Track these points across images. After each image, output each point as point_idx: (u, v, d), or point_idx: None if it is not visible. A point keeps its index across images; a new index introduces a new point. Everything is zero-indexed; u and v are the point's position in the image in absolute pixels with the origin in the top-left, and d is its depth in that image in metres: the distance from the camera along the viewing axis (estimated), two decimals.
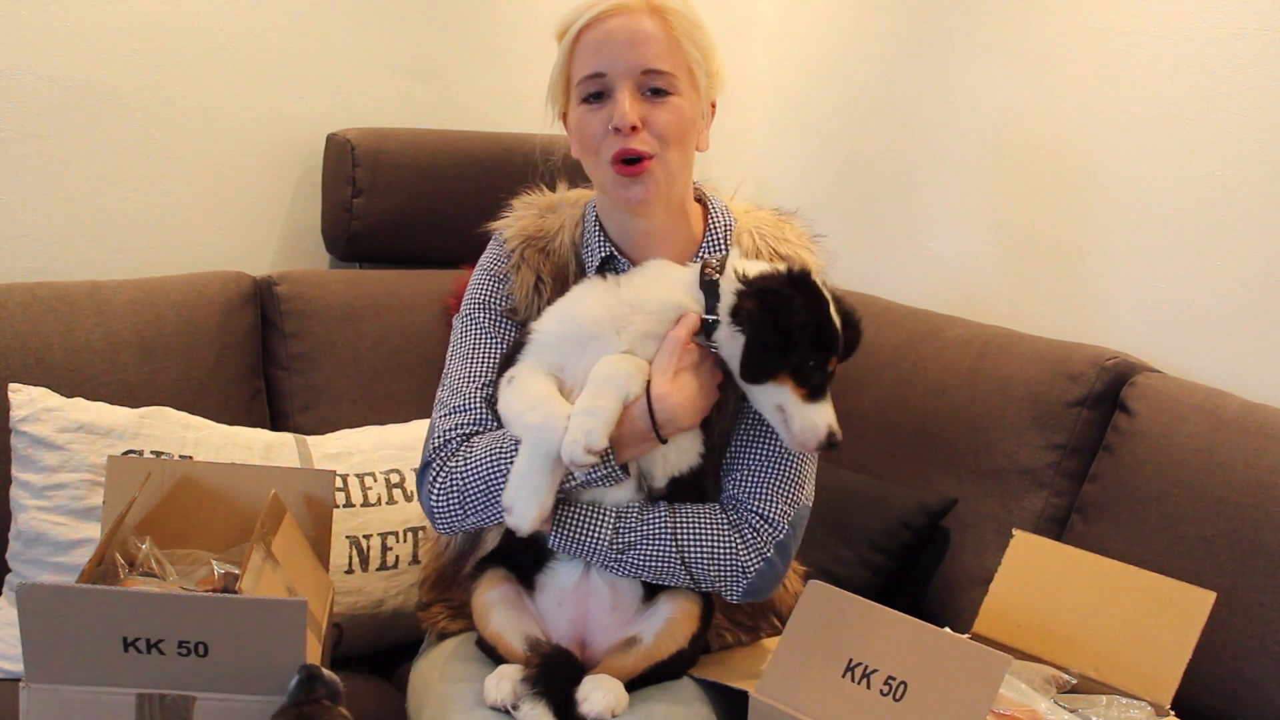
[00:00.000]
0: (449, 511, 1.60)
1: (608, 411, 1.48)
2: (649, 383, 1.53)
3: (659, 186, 1.60)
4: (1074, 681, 1.66)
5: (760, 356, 1.50)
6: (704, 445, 1.61)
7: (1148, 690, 1.63)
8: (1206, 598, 1.63)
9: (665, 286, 1.58)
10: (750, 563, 1.58)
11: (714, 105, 1.68)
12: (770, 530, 1.59)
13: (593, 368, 1.53)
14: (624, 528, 1.56)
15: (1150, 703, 1.61)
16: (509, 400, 1.55)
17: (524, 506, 1.49)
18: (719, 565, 1.58)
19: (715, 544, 1.58)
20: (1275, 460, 1.77)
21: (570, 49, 1.60)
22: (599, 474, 1.53)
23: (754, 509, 1.60)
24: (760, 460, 1.62)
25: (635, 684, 1.55)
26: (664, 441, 1.54)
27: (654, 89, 1.57)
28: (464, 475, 1.57)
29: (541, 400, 1.51)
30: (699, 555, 1.57)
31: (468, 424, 1.61)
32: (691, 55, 1.60)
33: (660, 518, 1.57)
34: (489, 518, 1.58)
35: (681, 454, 1.59)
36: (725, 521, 1.60)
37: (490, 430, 1.61)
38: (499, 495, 1.52)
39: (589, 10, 1.58)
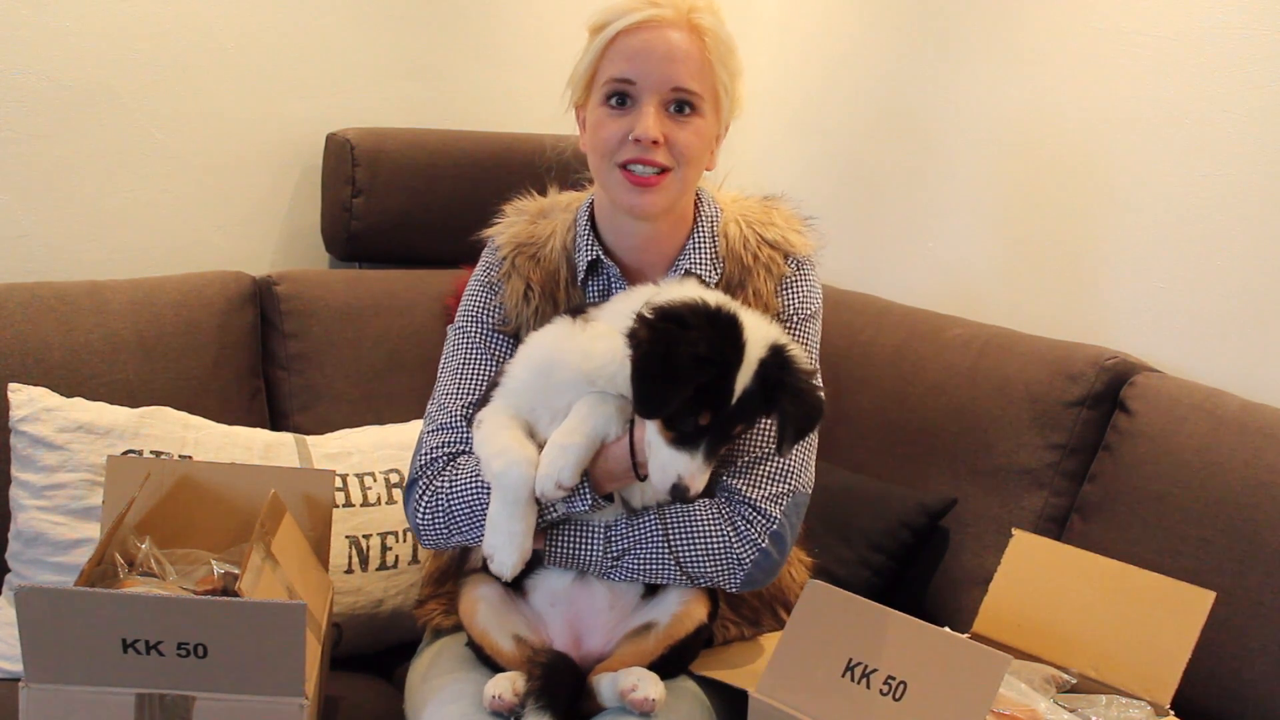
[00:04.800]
0: (434, 529, 1.61)
1: (580, 449, 1.49)
2: (632, 422, 1.53)
3: (668, 199, 1.62)
4: (1074, 681, 1.66)
5: (644, 388, 1.43)
6: None
7: (1147, 690, 1.63)
8: (1206, 597, 1.63)
9: (613, 339, 1.50)
10: (745, 555, 1.58)
11: (727, 127, 1.69)
12: (763, 521, 1.59)
13: (574, 403, 1.53)
14: (615, 535, 1.57)
15: (1150, 702, 1.61)
16: (478, 444, 1.56)
17: (504, 553, 1.51)
18: (713, 560, 1.58)
19: (708, 540, 1.58)
20: (1275, 460, 1.77)
21: (603, 49, 1.60)
22: (582, 505, 1.54)
23: (746, 499, 1.60)
24: (753, 450, 1.62)
25: (654, 667, 1.55)
26: (643, 479, 1.55)
27: (679, 107, 1.59)
28: (449, 496, 1.59)
29: (504, 447, 1.52)
30: (692, 554, 1.57)
31: (453, 442, 1.63)
32: (720, 78, 1.62)
33: (650, 521, 1.58)
34: (475, 538, 1.59)
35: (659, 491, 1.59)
36: (717, 515, 1.59)
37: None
38: (484, 520, 1.54)
39: (630, 14, 1.58)
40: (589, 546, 1.57)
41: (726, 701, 1.61)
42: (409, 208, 2.48)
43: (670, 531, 1.57)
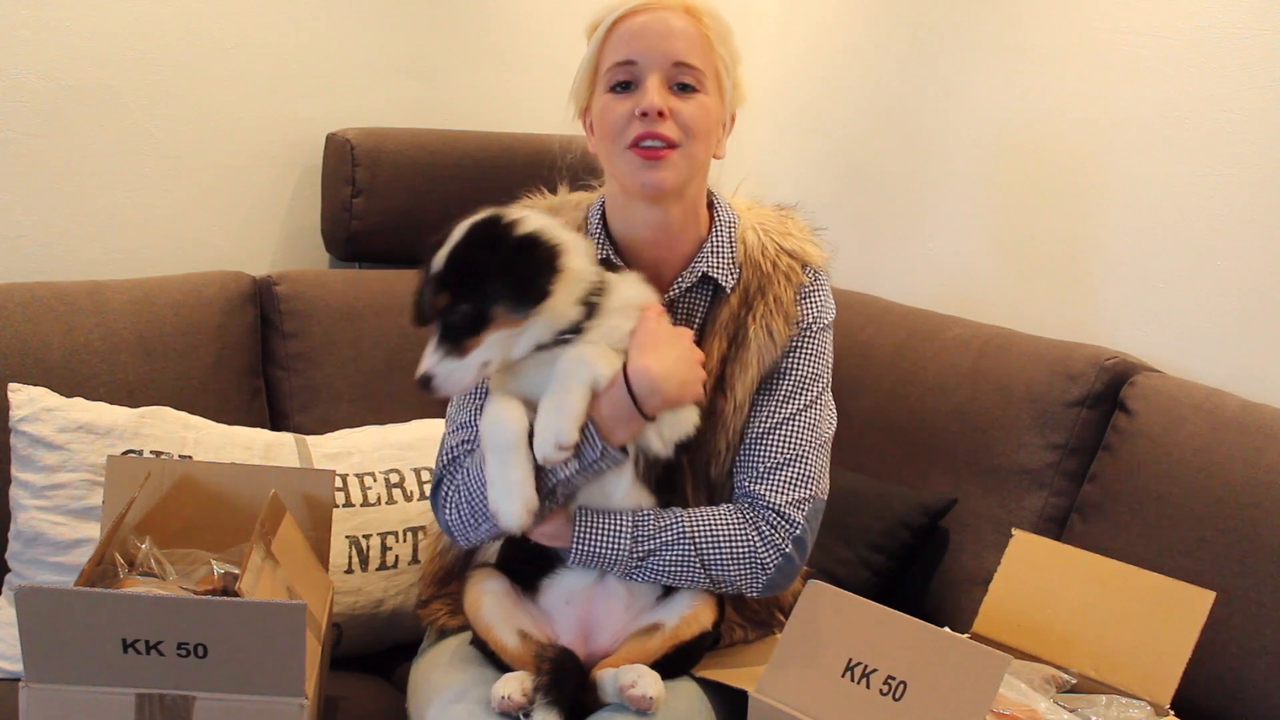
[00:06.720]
0: (462, 523, 1.60)
1: (573, 405, 1.48)
2: (625, 363, 1.52)
3: (679, 175, 1.60)
4: (1074, 681, 1.66)
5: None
6: (700, 417, 1.60)
7: (1147, 690, 1.63)
8: (1206, 598, 1.63)
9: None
10: (769, 559, 1.59)
11: (733, 117, 1.69)
12: (786, 526, 1.60)
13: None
14: (642, 536, 1.56)
15: (1150, 702, 1.61)
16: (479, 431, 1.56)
17: (507, 504, 1.48)
18: (738, 564, 1.58)
19: (733, 544, 1.58)
20: (1275, 460, 1.77)
21: (602, 40, 1.61)
22: (593, 454, 1.51)
23: (769, 504, 1.60)
24: (773, 455, 1.62)
25: (657, 666, 1.54)
26: (651, 419, 1.53)
27: (682, 84, 1.59)
28: (468, 487, 1.58)
29: (490, 412, 1.52)
30: (718, 557, 1.57)
31: (473, 439, 1.62)
32: (721, 58, 1.62)
33: (677, 523, 1.57)
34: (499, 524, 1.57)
35: (676, 425, 1.57)
36: (742, 520, 1.60)
37: None
38: None
39: (624, 3, 1.59)
40: (617, 545, 1.55)
41: (727, 702, 1.61)
42: (409, 208, 2.48)
43: (697, 533, 1.57)
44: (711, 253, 1.67)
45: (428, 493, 2.03)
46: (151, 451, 1.92)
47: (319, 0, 2.47)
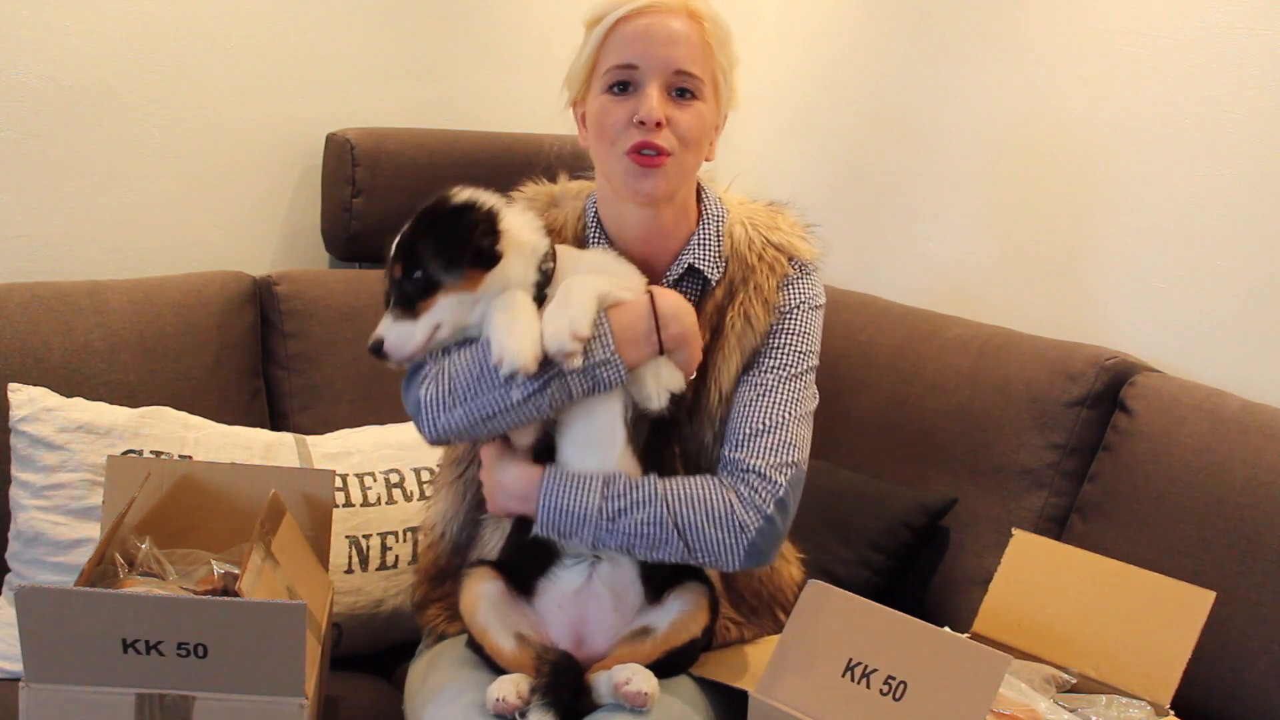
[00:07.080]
0: (437, 401, 1.56)
1: (583, 303, 1.50)
2: (650, 292, 1.56)
3: (670, 184, 1.61)
4: (1074, 681, 1.66)
5: None
6: (687, 407, 1.62)
7: (1147, 690, 1.63)
8: (1206, 598, 1.63)
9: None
10: (750, 520, 1.55)
11: (725, 118, 1.69)
12: (768, 487, 1.57)
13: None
14: (612, 495, 1.53)
15: (1150, 702, 1.61)
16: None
17: (514, 343, 1.48)
18: (716, 526, 1.54)
19: (710, 505, 1.55)
20: (1275, 460, 1.77)
21: (603, 38, 1.61)
22: (599, 360, 1.50)
23: (750, 467, 1.58)
24: (754, 422, 1.61)
25: (650, 670, 1.54)
26: (663, 351, 1.55)
27: (681, 91, 1.59)
28: (453, 364, 1.55)
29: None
30: (693, 519, 1.54)
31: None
32: (720, 63, 1.63)
33: (649, 484, 1.55)
34: (474, 410, 1.53)
35: (672, 375, 1.58)
36: (720, 484, 1.57)
37: None
38: (486, 382, 1.51)
39: (628, 3, 1.59)
40: (585, 502, 1.52)
41: (725, 702, 1.60)
42: (409, 208, 2.45)
43: (671, 494, 1.54)
44: (699, 244, 1.68)
45: (428, 492, 2.04)
46: (151, 451, 1.92)
47: (319, 0, 2.47)
